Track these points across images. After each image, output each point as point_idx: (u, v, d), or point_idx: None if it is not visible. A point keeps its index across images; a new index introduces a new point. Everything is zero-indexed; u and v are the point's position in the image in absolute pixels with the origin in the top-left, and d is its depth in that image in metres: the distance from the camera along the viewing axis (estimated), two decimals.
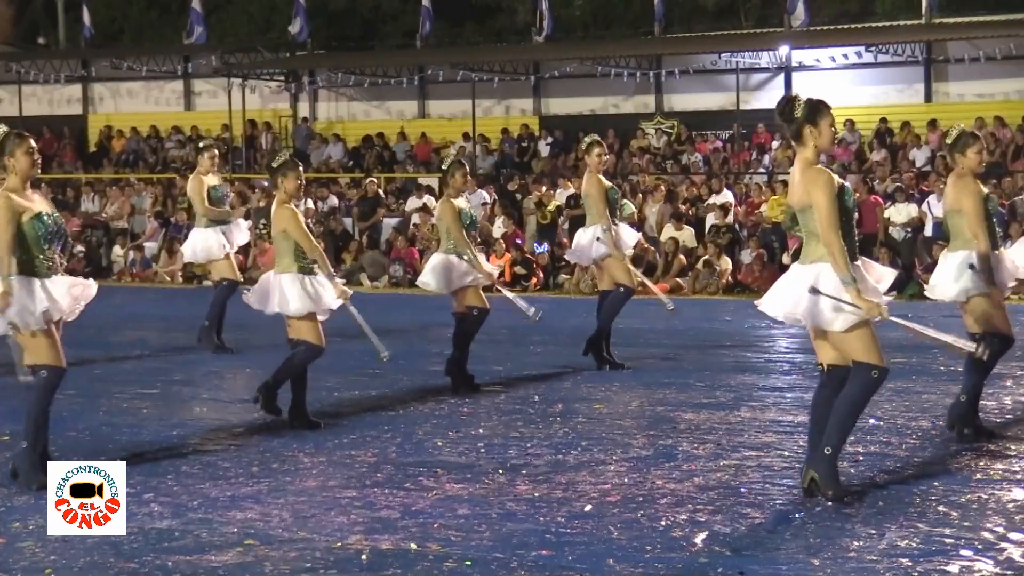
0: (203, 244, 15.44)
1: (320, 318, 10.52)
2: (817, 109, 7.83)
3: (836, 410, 7.85)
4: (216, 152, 15.74)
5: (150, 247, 28.85)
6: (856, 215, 7.90)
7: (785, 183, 25.20)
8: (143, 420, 11.14)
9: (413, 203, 28.39)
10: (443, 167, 12.69)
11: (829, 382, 7.92)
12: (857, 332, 7.72)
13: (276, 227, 10.53)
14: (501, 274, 22.43)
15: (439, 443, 9.92)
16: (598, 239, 13.27)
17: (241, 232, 15.63)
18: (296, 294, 10.34)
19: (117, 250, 28.96)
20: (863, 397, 7.85)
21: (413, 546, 7.15)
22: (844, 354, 7.83)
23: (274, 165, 10.60)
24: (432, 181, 30.10)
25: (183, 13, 36.78)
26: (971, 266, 9.33)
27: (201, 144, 16.57)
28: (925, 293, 9.89)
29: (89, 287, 8.85)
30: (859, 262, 7.83)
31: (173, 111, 37.22)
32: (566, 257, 14.42)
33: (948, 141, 9.71)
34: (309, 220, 10.92)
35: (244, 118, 33.76)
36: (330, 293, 10.48)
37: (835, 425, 7.84)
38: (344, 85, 35.26)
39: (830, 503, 7.73)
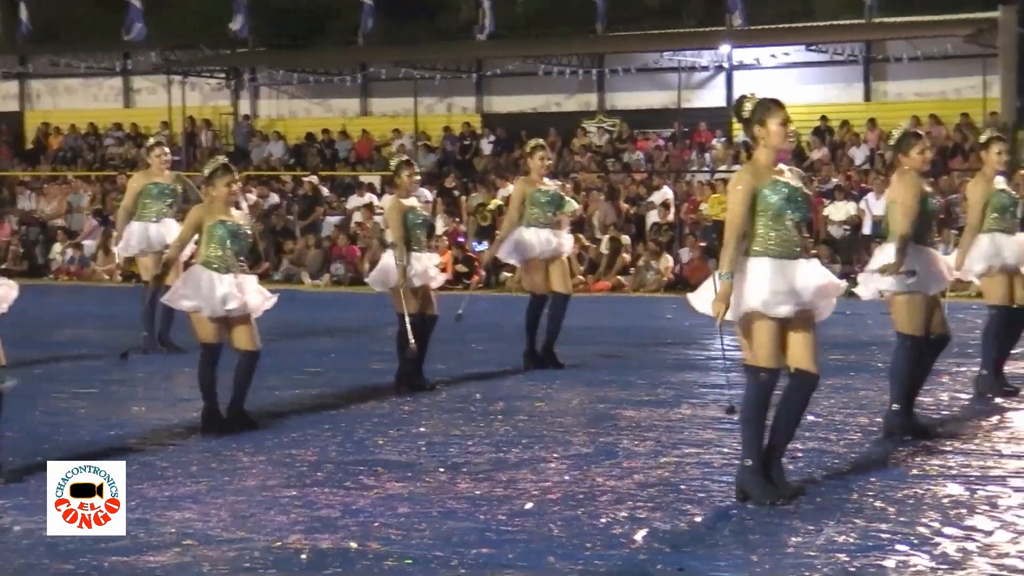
0: (138, 236, 15.16)
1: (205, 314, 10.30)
2: (766, 108, 7.74)
3: (741, 417, 7.90)
4: (166, 150, 15.53)
5: (88, 245, 28.65)
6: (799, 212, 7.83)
7: (725, 181, 25.41)
8: (81, 420, 11.06)
9: (355, 201, 28.33)
10: (391, 166, 12.59)
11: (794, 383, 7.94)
12: (756, 328, 7.73)
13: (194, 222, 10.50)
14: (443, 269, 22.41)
15: (380, 442, 9.90)
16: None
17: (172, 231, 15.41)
18: (211, 291, 10.21)
19: (55, 248, 28.76)
20: (754, 400, 7.81)
21: (353, 545, 7.13)
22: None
23: (207, 170, 10.46)
24: (374, 179, 30.08)
25: (123, 9, 36.54)
26: (911, 272, 9.36)
27: (150, 142, 16.32)
28: (854, 290, 9.95)
29: (12, 288, 8.78)
30: (806, 259, 7.83)
31: (112, 108, 36.98)
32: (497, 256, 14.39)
33: (891, 142, 9.79)
34: (251, 218, 10.77)
35: (184, 115, 33.58)
36: (250, 295, 10.28)
37: (742, 434, 7.90)
38: (286, 83, 35.16)
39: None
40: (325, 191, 29.01)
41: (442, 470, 8.90)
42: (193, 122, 34.43)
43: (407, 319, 12.02)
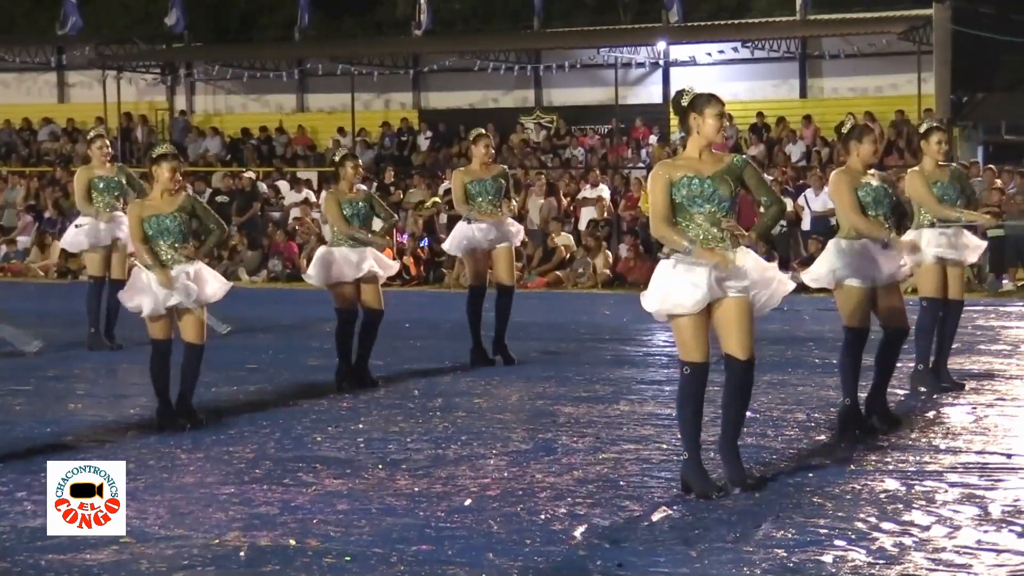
0: (86, 232, 15.02)
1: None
2: (704, 99, 7.84)
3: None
4: (107, 142, 15.38)
5: (23, 241, 28.40)
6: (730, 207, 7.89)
7: None
8: (16, 416, 10.97)
9: (292, 197, 28.21)
10: (335, 159, 12.52)
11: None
12: (674, 325, 7.85)
13: None
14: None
15: (318, 438, 9.87)
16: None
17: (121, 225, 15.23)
18: (135, 291, 10.16)
19: None
20: (681, 395, 7.91)
21: (292, 542, 7.11)
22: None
23: (154, 154, 10.40)
24: (311, 175, 29.99)
25: (57, 3, 36.26)
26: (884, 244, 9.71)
27: (91, 135, 16.18)
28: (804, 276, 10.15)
29: None
30: (740, 251, 7.86)
31: (46, 103, 36.68)
32: (444, 248, 14.47)
33: (845, 130, 9.89)
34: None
35: (119, 111, 33.33)
36: (160, 294, 10.11)
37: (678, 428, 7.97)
38: (222, 78, 34.98)
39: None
40: (263, 187, 28.85)
41: (381, 467, 8.88)
42: (129, 118, 34.18)
43: None
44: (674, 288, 7.73)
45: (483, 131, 13.66)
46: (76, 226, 15.24)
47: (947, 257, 11.21)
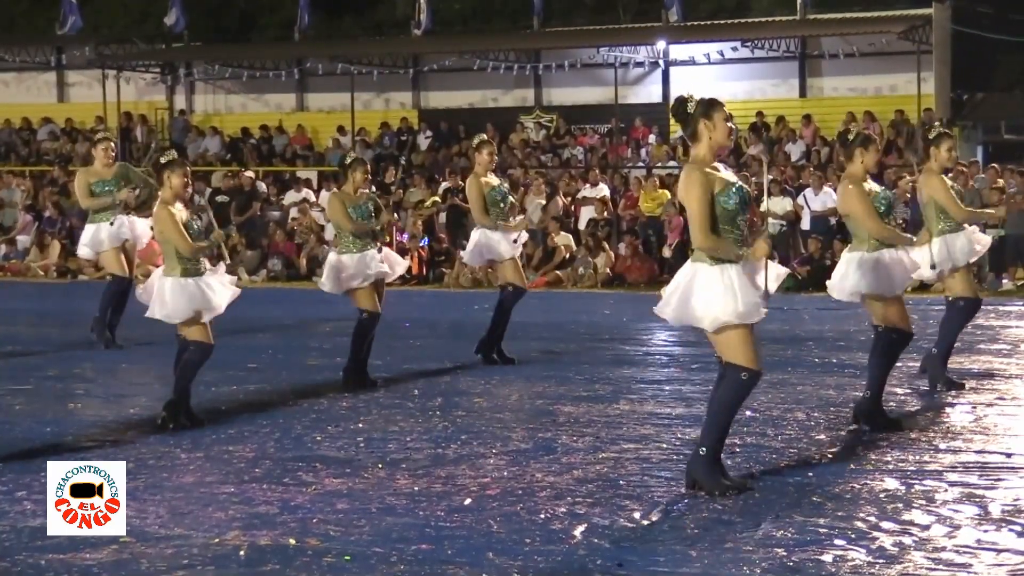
0: (91, 237, 15.04)
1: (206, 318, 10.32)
2: (711, 104, 7.83)
3: (709, 410, 7.94)
4: (112, 144, 15.36)
5: (22, 240, 28.40)
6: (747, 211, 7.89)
7: (661, 178, 25.68)
8: (15, 416, 10.96)
9: (292, 196, 28.21)
10: (345, 162, 12.51)
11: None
12: (729, 332, 7.75)
13: (156, 230, 10.40)
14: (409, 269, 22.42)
15: (318, 438, 9.87)
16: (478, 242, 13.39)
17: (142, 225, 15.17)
18: (176, 301, 10.16)
19: None
20: (734, 399, 7.88)
21: (292, 541, 7.11)
22: (720, 353, 7.87)
23: (162, 161, 10.40)
24: (311, 174, 29.98)
25: (56, 3, 36.23)
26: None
27: (97, 136, 16.17)
28: (828, 289, 10.20)
29: None
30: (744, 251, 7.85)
31: (46, 103, 36.64)
32: (464, 261, 14.44)
33: (850, 136, 9.91)
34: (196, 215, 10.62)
35: (119, 110, 33.31)
36: (218, 295, 10.27)
37: (709, 425, 7.94)
38: (221, 77, 34.96)
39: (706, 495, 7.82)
40: (263, 186, 28.83)
41: (381, 466, 8.88)
42: (128, 117, 34.16)
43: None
44: (741, 299, 7.67)
45: (486, 137, 13.68)
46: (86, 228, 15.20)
47: (972, 260, 11.37)
